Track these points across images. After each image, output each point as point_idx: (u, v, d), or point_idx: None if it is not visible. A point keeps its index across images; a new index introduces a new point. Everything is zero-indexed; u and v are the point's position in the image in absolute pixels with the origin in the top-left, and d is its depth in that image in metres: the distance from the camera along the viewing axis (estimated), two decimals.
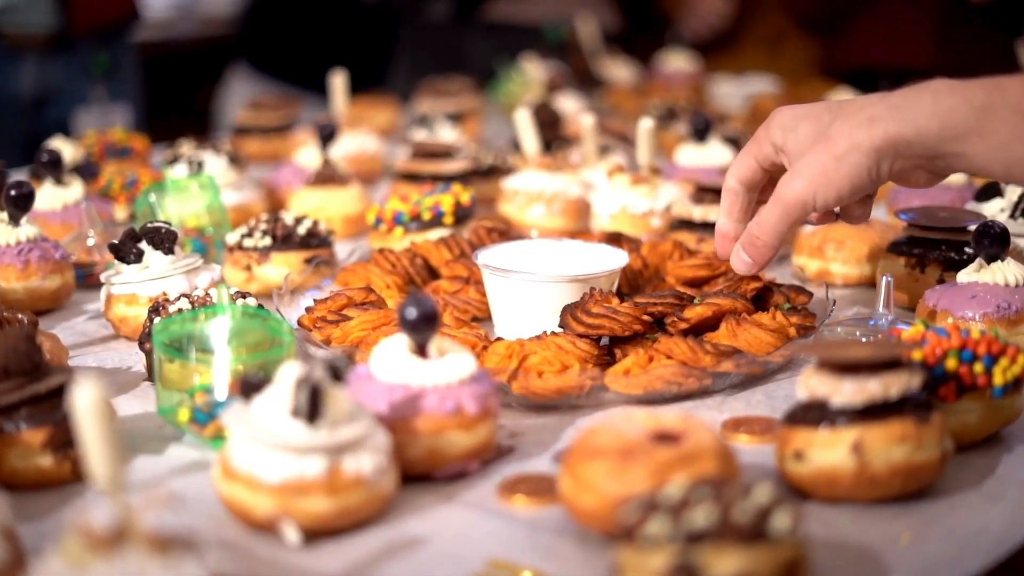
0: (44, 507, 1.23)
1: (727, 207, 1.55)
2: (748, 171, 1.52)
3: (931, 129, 1.36)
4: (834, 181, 1.40)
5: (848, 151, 1.38)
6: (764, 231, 1.48)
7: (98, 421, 0.95)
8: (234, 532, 1.17)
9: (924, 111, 1.36)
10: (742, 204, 1.54)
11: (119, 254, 1.70)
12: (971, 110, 1.35)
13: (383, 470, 1.18)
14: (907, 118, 1.37)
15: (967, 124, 1.35)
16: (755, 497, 1.01)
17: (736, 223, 1.55)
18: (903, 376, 1.20)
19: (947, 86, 1.37)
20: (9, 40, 3.30)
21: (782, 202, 1.44)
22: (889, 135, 1.37)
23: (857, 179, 1.40)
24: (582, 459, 1.15)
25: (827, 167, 1.40)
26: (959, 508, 1.21)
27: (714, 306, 1.57)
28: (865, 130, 1.38)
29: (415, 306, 1.26)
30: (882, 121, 1.37)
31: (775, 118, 1.48)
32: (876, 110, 1.38)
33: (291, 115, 3.12)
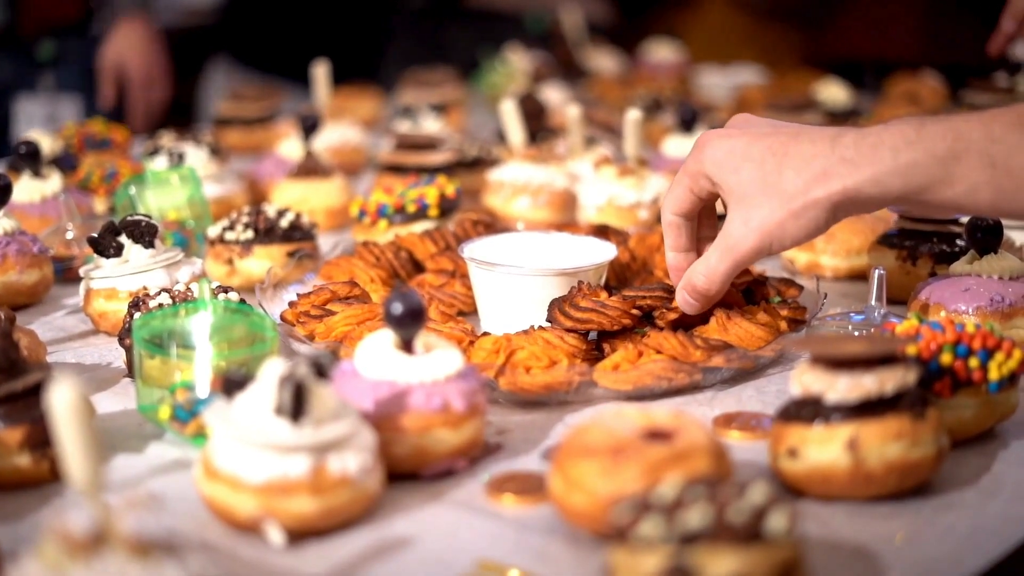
0: (21, 508, 1.20)
1: (672, 242, 1.51)
2: (686, 204, 1.47)
3: (893, 185, 1.31)
4: (789, 234, 1.37)
5: (805, 208, 1.35)
6: (713, 282, 1.45)
7: (76, 422, 0.92)
8: (216, 533, 1.15)
9: (884, 168, 1.31)
10: (686, 235, 1.51)
11: (98, 248, 1.66)
12: (934, 162, 1.29)
13: (369, 469, 1.15)
14: (866, 175, 1.32)
15: (931, 177, 1.30)
16: (750, 497, 0.99)
17: (685, 253, 1.52)
18: (898, 372, 1.18)
19: (904, 139, 1.31)
20: None
21: (733, 254, 1.41)
22: (848, 191, 1.33)
23: (813, 231, 1.37)
24: (572, 458, 1.13)
25: (783, 222, 1.36)
26: (956, 506, 1.19)
27: None
28: (822, 186, 1.33)
29: (401, 301, 1.24)
30: (839, 177, 1.32)
31: (707, 151, 1.41)
32: (830, 163, 1.33)
33: (273, 106, 3.09)
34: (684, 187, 1.46)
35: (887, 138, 1.31)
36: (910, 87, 3.18)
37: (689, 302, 1.50)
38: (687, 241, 1.51)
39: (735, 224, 1.39)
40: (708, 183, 1.43)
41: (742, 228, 1.39)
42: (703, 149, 1.42)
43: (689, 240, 1.51)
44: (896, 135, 1.31)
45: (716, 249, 1.43)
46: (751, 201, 1.37)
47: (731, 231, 1.40)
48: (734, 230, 1.40)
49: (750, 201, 1.37)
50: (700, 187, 1.44)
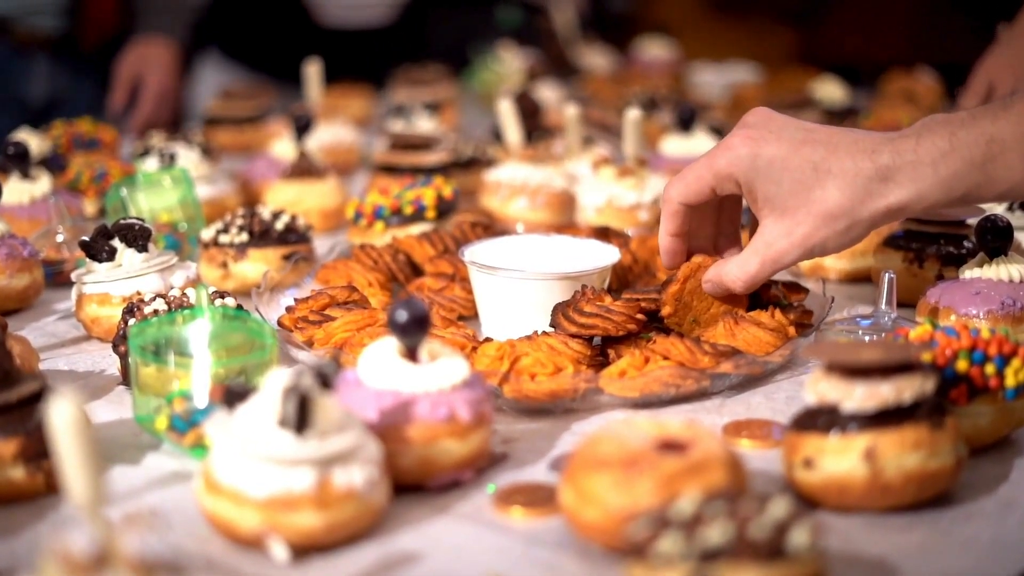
0: (16, 523, 1.17)
1: (671, 227, 1.50)
2: (699, 197, 1.45)
3: (936, 198, 1.35)
4: (830, 248, 1.41)
5: (850, 228, 1.38)
6: (750, 287, 1.47)
7: (76, 438, 0.89)
8: (218, 549, 1.11)
9: (926, 184, 1.33)
10: (685, 222, 1.49)
11: (91, 252, 1.63)
12: (973, 169, 1.32)
13: (375, 482, 1.12)
14: (910, 193, 1.34)
15: (973, 183, 1.33)
16: (772, 512, 0.96)
17: (681, 240, 1.51)
18: (916, 379, 1.16)
19: (939, 151, 1.33)
20: (19, 39, 3.24)
21: (776, 264, 1.43)
22: (892, 209, 1.36)
23: (852, 244, 1.41)
24: (584, 469, 1.10)
25: (827, 241, 1.39)
26: (975, 516, 1.17)
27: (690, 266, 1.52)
28: (866, 206, 1.36)
29: (406, 309, 1.20)
30: (883, 197, 1.35)
31: (741, 155, 1.39)
32: (872, 182, 1.34)
33: (263, 105, 3.06)
34: (704, 182, 1.43)
35: (924, 152, 1.33)
36: (906, 85, 3.16)
37: (720, 292, 1.51)
38: (684, 229, 1.50)
39: (776, 235, 1.40)
40: (735, 187, 1.41)
41: (784, 240, 1.40)
42: (735, 152, 1.40)
43: (685, 228, 1.50)
44: (931, 148, 1.33)
45: (756, 256, 1.43)
46: (793, 216, 1.38)
47: (773, 242, 1.41)
48: (776, 241, 1.40)
49: (792, 216, 1.38)
50: (724, 188, 1.42)
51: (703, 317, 1.53)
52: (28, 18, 3.23)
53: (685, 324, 1.53)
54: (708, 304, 1.53)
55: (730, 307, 1.54)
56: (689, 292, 1.52)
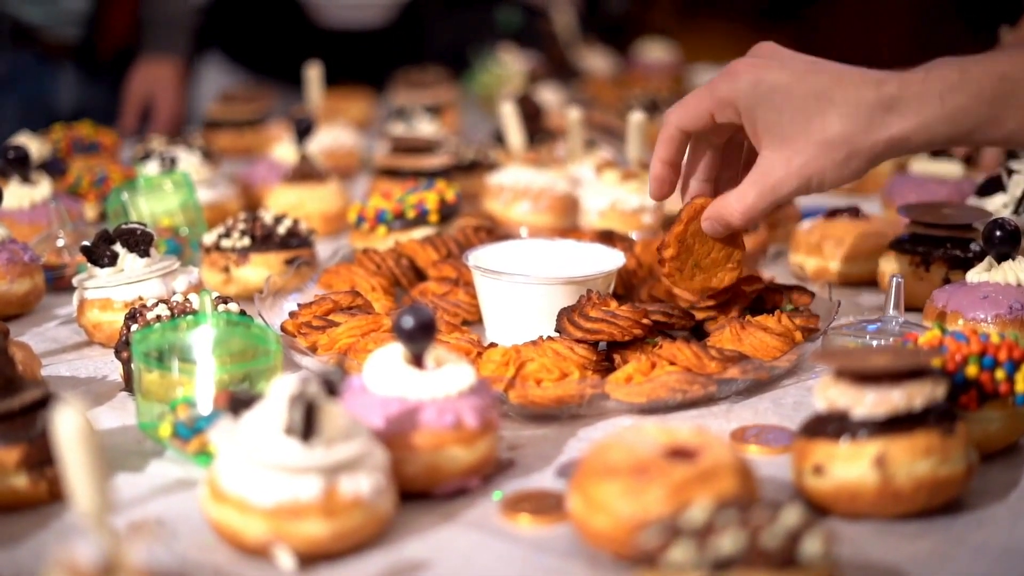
0: (19, 531, 1.15)
1: (665, 153, 1.46)
2: (698, 123, 1.42)
3: (940, 131, 1.31)
4: (829, 180, 1.36)
5: (849, 158, 1.34)
6: (750, 219, 1.42)
7: (82, 447, 0.88)
8: (224, 558, 1.10)
9: (931, 115, 1.30)
10: (680, 150, 1.46)
11: (92, 257, 1.62)
12: (982, 105, 1.29)
13: (382, 490, 1.11)
14: (913, 124, 1.30)
15: (979, 120, 1.30)
16: (784, 520, 0.95)
17: (673, 171, 1.47)
18: (927, 385, 1.15)
19: (948, 83, 1.30)
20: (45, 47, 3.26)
21: (774, 195, 1.38)
22: (894, 140, 1.32)
23: (853, 178, 1.37)
24: (593, 477, 1.09)
25: (825, 169, 1.35)
26: (986, 523, 1.16)
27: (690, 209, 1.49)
28: (867, 136, 1.32)
29: (412, 315, 1.19)
30: (885, 127, 1.31)
31: (744, 83, 1.36)
32: (875, 112, 1.31)
33: (263, 108, 3.05)
34: (704, 108, 1.40)
35: (932, 84, 1.30)
36: None
37: (719, 230, 1.47)
38: (678, 157, 1.47)
39: (775, 164, 1.36)
40: (735, 115, 1.38)
41: (783, 169, 1.36)
42: (738, 78, 1.37)
43: (680, 156, 1.47)
44: (940, 80, 1.30)
45: (754, 187, 1.39)
46: (793, 144, 1.35)
47: (771, 171, 1.37)
48: (774, 170, 1.37)
49: (792, 144, 1.35)
50: (724, 115, 1.39)
51: (704, 261, 1.51)
52: (55, 27, 3.25)
53: (686, 269, 1.51)
54: (709, 248, 1.50)
55: (729, 251, 1.51)
56: (692, 234, 1.49)
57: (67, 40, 3.30)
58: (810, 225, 1.90)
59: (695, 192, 1.50)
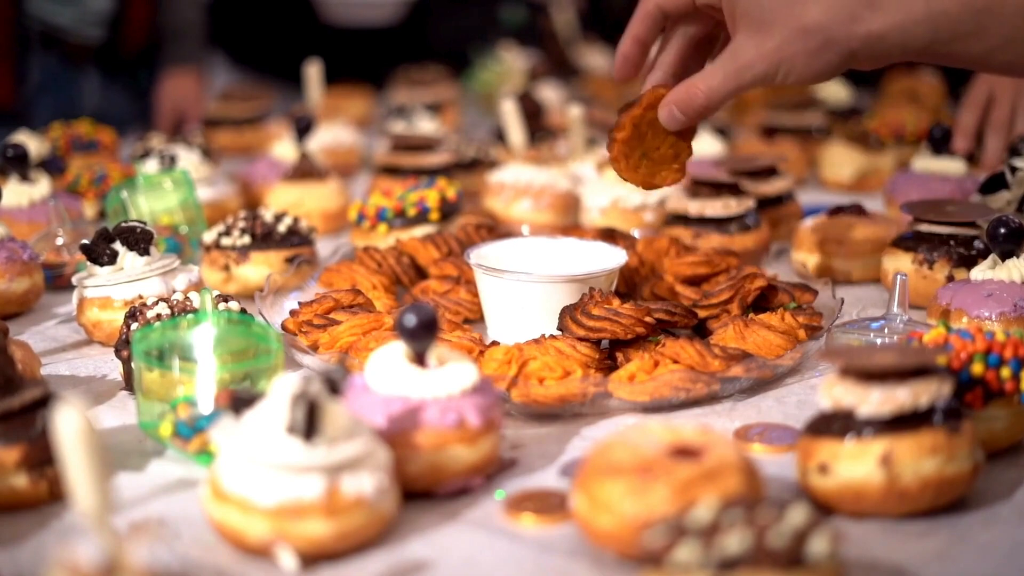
0: (19, 531, 1.15)
1: (638, 30, 1.42)
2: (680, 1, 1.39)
3: (921, 34, 1.26)
4: (798, 69, 1.31)
5: (822, 47, 1.29)
6: (713, 101, 1.37)
7: (83, 447, 0.87)
8: (226, 558, 1.09)
9: (915, 13, 1.25)
10: (654, 30, 1.42)
11: (92, 255, 1.61)
12: (967, 13, 1.24)
13: (384, 489, 1.11)
14: (895, 20, 1.26)
15: (961, 29, 1.25)
16: (790, 519, 0.95)
17: (642, 48, 1.43)
18: (932, 384, 1.14)
19: None
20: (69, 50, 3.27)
21: (740, 78, 1.33)
22: (871, 37, 1.27)
23: (823, 74, 1.32)
24: (597, 476, 1.08)
25: (796, 56, 1.30)
26: (993, 522, 1.15)
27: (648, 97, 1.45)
28: (845, 28, 1.27)
29: (414, 313, 1.19)
30: (864, 21, 1.26)
31: None
32: (858, 5, 1.26)
33: (263, 106, 3.04)
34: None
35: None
36: (909, 85, 3.14)
37: (676, 117, 1.40)
38: (651, 35, 1.43)
39: (747, 47, 1.32)
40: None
41: (755, 52, 1.31)
42: None
43: (653, 37, 1.43)
44: None
45: (721, 68, 1.35)
46: (768, 28, 1.30)
47: (741, 53, 1.33)
48: (745, 52, 1.32)
49: (767, 28, 1.30)
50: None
51: (654, 154, 1.47)
52: (80, 29, 3.26)
53: (633, 157, 1.47)
54: (660, 142, 1.46)
55: (678, 150, 1.47)
56: (647, 122, 1.45)
57: (90, 41, 3.32)
58: (813, 223, 1.89)
59: (659, 81, 1.45)
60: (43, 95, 3.30)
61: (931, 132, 2.13)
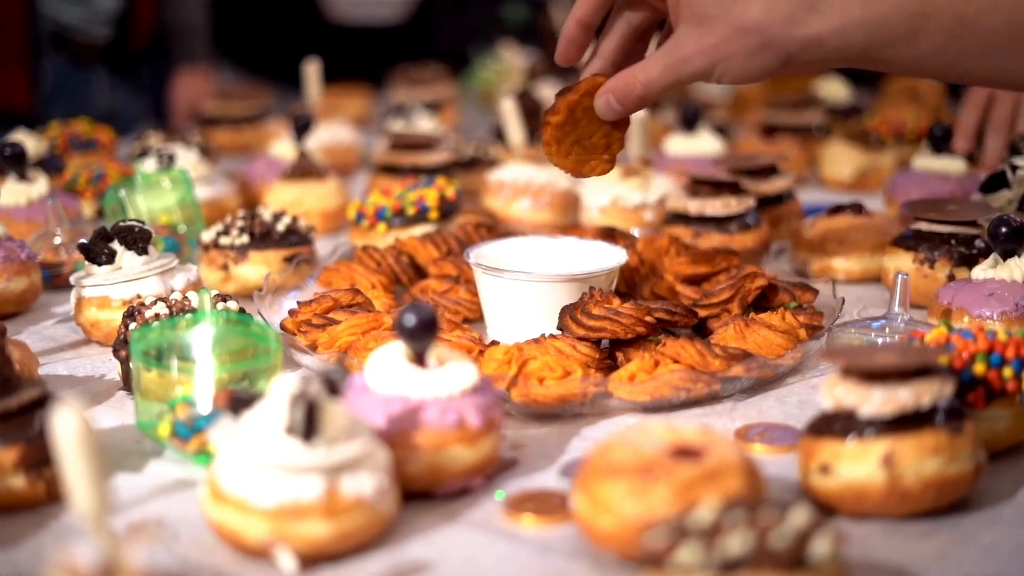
0: (17, 532, 1.14)
1: (582, 12, 1.41)
2: None
3: (858, 38, 1.28)
4: (735, 69, 1.32)
5: (761, 49, 1.30)
6: (651, 93, 1.37)
7: (81, 448, 0.87)
8: (225, 559, 1.09)
9: (852, 18, 1.27)
10: (598, 12, 1.42)
11: (90, 255, 1.60)
12: (903, 18, 1.26)
13: (384, 490, 1.10)
14: (833, 24, 1.27)
15: (898, 33, 1.27)
16: (792, 520, 0.94)
17: (586, 31, 1.43)
18: (934, 383, 1.13)
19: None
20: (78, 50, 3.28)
21: (678, 71, 1.34)
22: (809, 40, 1.28)
23: (761, 74, 1.33)
24: (597, 477, 1.08)
25: (734, 56, 1.31)
26: (995, 523, 1.15)
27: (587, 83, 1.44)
28: (784, 30, 1.28)
29: (414, 313, 1.18)
30: (803, 24, 1.28)
31: None
32: (798, 8, 1.27)
33: (261, 105, 3.03)
34: None
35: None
36: (909, 84, 3.14)
37: (613, 107, 1.41)
38: (595, 18, 1.42)
39: (687, 40, 1.33)
40: None
41: (694, 46, 1.32)
42: None
43: (597, 19, 1.42)
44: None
45: (660, 61, 1.35)
46: (709, 24, 1.31)
47: (681, 46, 1.33)
48: (685, 46, 1.33)
49: (708, 23, 1.31)
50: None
51: (586, 142, 1.46)
52: (88, 28, 3.26)
53: (566, 143, 1.46)
54: (593, 130, 1.46)
55: (610, 140, 1.47)
56: (583, 109, 1.44)
57: (97, 41, 3.32)
58: (813, 222, 1.89)
59: (598, 70, 1.45)
60: (56, 97, 3.30)
61: (931, 131, 2.13)
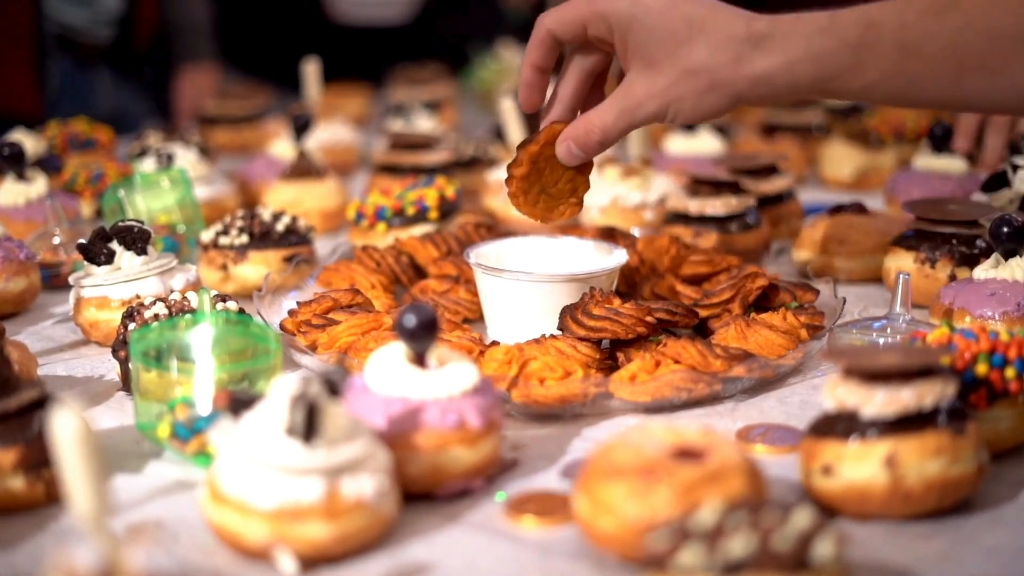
0: (16, 534, 1.13)
1: (535, 57, 1.43)
2: (572, 30, 1.39)
3: (805, 72, 1.30)
4: (687, 109, 1.34)
5: (710, 89, 1.32)
6: (609, 138, 1.40)
7: (80, 450, 0.86)
8: (225, 561, 1.08)
9: (796, 54, 1.29)
10: (550, 56, 1.43)
11: (89, 255, 1.60)
12: (847, 50, 1.28)
13: (385, 492, 1.10)
14: (778, 60, 1.29)
15: (843, 65, 1.29)
16: (795, 522, 0.94)
17: (542, 74, 1.45)
18: (937, 384, 1.13)
19: (817, 26, 1.29)
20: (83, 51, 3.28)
21: (633, 116, 1.36)
22: (756, 78, 1.30)
23: (713, 113, 1.35)
24: (599, 478, 1.07)
25: (684, 98, 1.33)
26: (998, 524, 1.14)
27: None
28: (731, 70, 1.30)
29: (414, 314, 1.18)
30: (749, 63, 1.30)
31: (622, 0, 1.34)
32: (742, 47, 1.30)
33: (260, 104, 3.02)
34: (579, 16, 1.38)
35: (800, 25, 1.30)
36: None
37: (574, 153, 1.43)
38: (549, 61, 1.44)
39: (638, 84, 1.35)
40: (608, 31, 1.36)
41: (645, 90, 1.34)
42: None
43: (551, 62, 1.44)
44: (809, 22, 1.30)
45: (615, 106, 1.37)
46: (658, 68, 1.33)
47: (633, 90, 1.35)
48: (636, 90, 1.35)
49: (657, 68, 1.33)
50: (596, 28, 1.37)
51: (551, 189, 1.48)
52: (92, 29, 3.27)
53: (531, 193, 1.48)
54: (558, 177, 1.48)
55: (575, 184, 1.49)
56: (545, 159, 1.46)
57: (101, 42, 3.32)
58: (813, 221, 1.88)
59: (557, 117, 1.46)
60: (63, 99, 3.30)
61: (932, 130, 2.13)
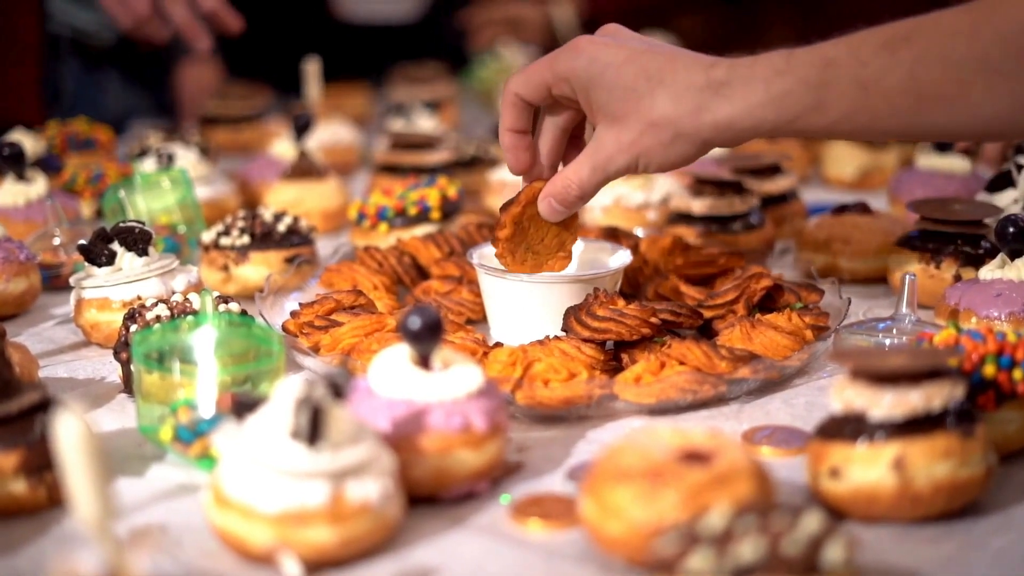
0: (18, 538, 1.13)
1: (507, 120, 1.45)
2: (538, 93, 1.42)
3: (766, 116, 1.31)
4: (657, 160, 1.37)
5: (675, 139, 1.34)
6: (586, 194, 1.44)
7: (83, 454, 0.86)
8: (228, 565, 1.07)
9: (756, 100, 1.30)
10: (523, 117, 1.45)
11: (89, 256, 1.59)
12: (806, 90, 1.29)
13: (390, 495, 1.09)
14: (739, 107, 1.31)
15: (804, 105, 1.30)
16: (805, 526, 0.93)
17: (522, 137, 1.47)
18: (945, 386, 1.12)
19: (774, 69, 1.30)
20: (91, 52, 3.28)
21: (606, 171, 1.40)
22: (719, 125, 1.32)
23: (682, 161, 1.38)
24: (605, 481, 1.07)
25: (652, 150, 1.36)
26: (1006, 527, 1.13)
27: None
28: (692, 119, 1.32)
29: (419, 316, 1.17)
30: (710, 111, 1.32)
31: (581, 62, 1.37)
32: (703, 96, 1.32)
33: (261, 104, 3.01)
34: (543, 79, 1.41)
35: (758, 69, 1.31)
36: None
37: (556, 209, 1.47)
38: (523, 122, 1.46)
39: (606, 139, 1.38)
40: (570, 90, 1.39)
41: (614, 145, 1.37)
42: (578, 55, 1.37)
43: (528, 124, 1.46)
44: (766, 66, 1.31)
45: (588, 162, 1.41)
46: (623, 122, 1.36)
47: (603, 146, 1.38)
48: (606, 145, 1.38)
49: (622, 122, 1.36)
50: (560, 89, 1.40)
51: (538, 246, 1.51)
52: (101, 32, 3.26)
53: (519, 252, 1.50)
54: (543, 233, 1.50)
55: (562, 239, 1.51)
56: (528, 218, 1.49)
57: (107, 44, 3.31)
58: (817, 221, 1.88)
59: (536, 176, 1.49)
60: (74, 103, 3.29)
61: None
